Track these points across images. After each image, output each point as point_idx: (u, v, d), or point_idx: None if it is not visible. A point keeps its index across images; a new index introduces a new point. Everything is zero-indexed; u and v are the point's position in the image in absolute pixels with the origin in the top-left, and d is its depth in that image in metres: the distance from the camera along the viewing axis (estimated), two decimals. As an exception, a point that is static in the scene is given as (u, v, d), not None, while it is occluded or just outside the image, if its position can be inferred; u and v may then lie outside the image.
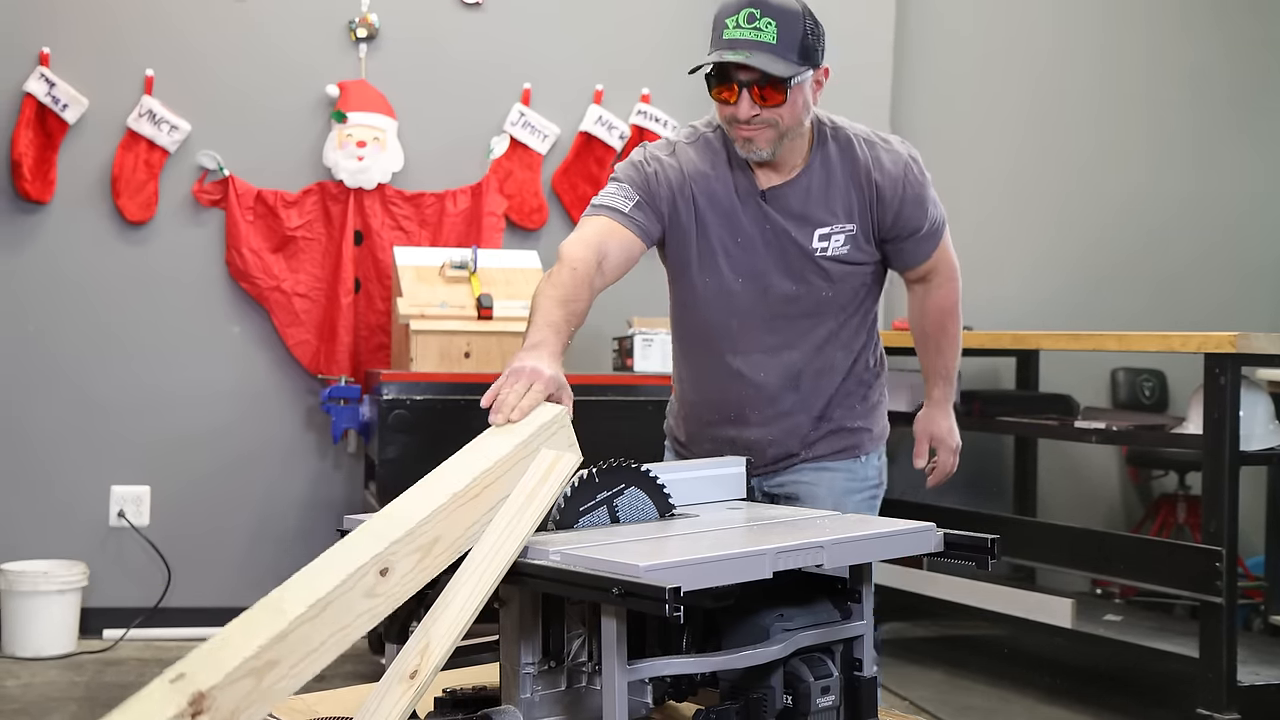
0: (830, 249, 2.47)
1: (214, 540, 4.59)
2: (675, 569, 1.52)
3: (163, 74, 4.49)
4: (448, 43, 4.74)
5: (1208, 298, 5.48)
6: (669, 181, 2.46)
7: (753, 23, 2.32)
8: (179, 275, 4.56)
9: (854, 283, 2.53)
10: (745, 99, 2.35)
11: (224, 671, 1.42)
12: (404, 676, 1.58)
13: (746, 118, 2.35)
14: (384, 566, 1.60)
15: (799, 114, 2.39)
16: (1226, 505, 3.51)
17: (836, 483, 2.62)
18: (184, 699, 1.39)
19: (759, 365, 2.53)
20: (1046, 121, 5.43)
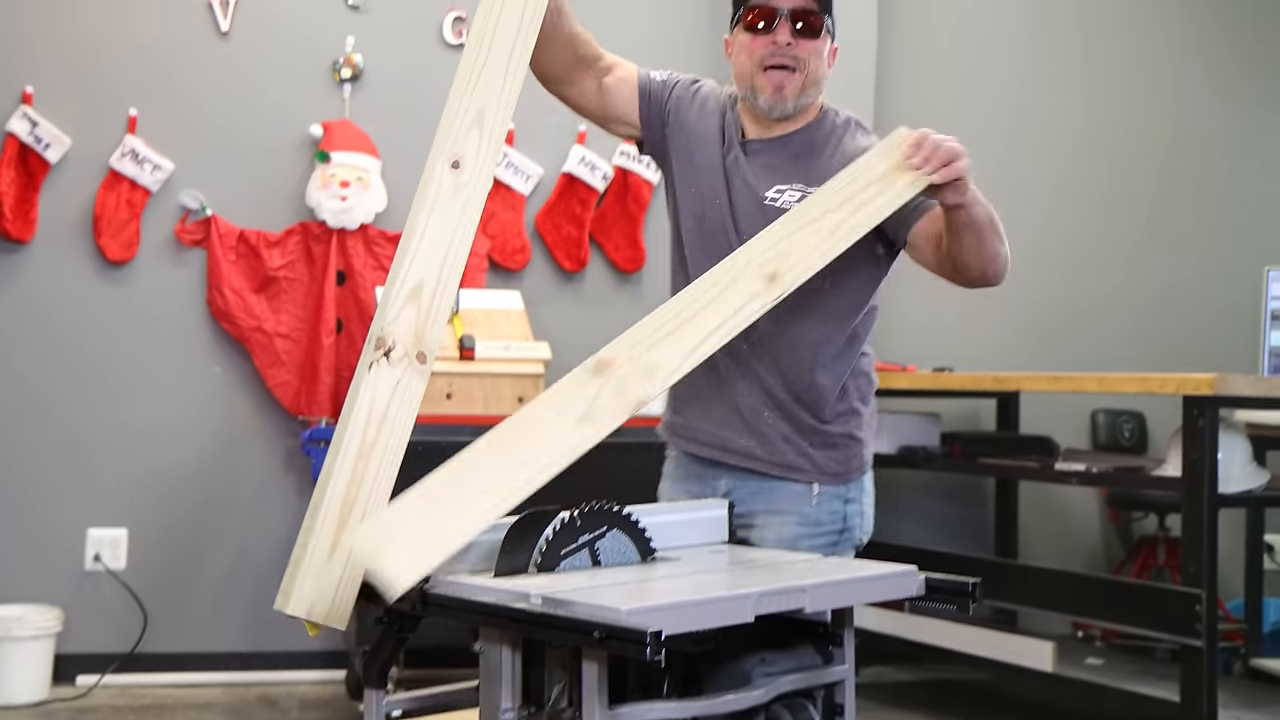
0: (781, 201, 2.43)
1: (192, 584, 4.56)
2: (657, 612, 1.52)
3: (146, 113, 4.49)
4: (432, 83, 4.74)
5: (1186, 340, 5.51)
6: (681, 105, 2.55)
7: None
8: (160, 315, 4.55)
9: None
10: (783, 25, 2.41)
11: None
12: (765, 278, 2.13)
13: (784, 44, 2.40)
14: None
15: (822, 68, 2.47)
16: (1206, 548, 3.52)
17: (785, 528, 2.47)
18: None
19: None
20: (1023, 163, 5.47)
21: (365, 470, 1.86)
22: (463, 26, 4.75)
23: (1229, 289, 5.57)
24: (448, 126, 2.08)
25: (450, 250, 2.00)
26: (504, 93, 2.12)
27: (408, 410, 1.91)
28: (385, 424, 1.89)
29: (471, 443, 1.91)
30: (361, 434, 1.87)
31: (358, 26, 4.68)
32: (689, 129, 2.53)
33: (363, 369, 1.91)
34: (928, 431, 4.73)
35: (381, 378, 1.88)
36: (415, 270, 1.96)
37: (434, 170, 2.03)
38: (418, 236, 1.98)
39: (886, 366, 4.91)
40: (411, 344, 1.91)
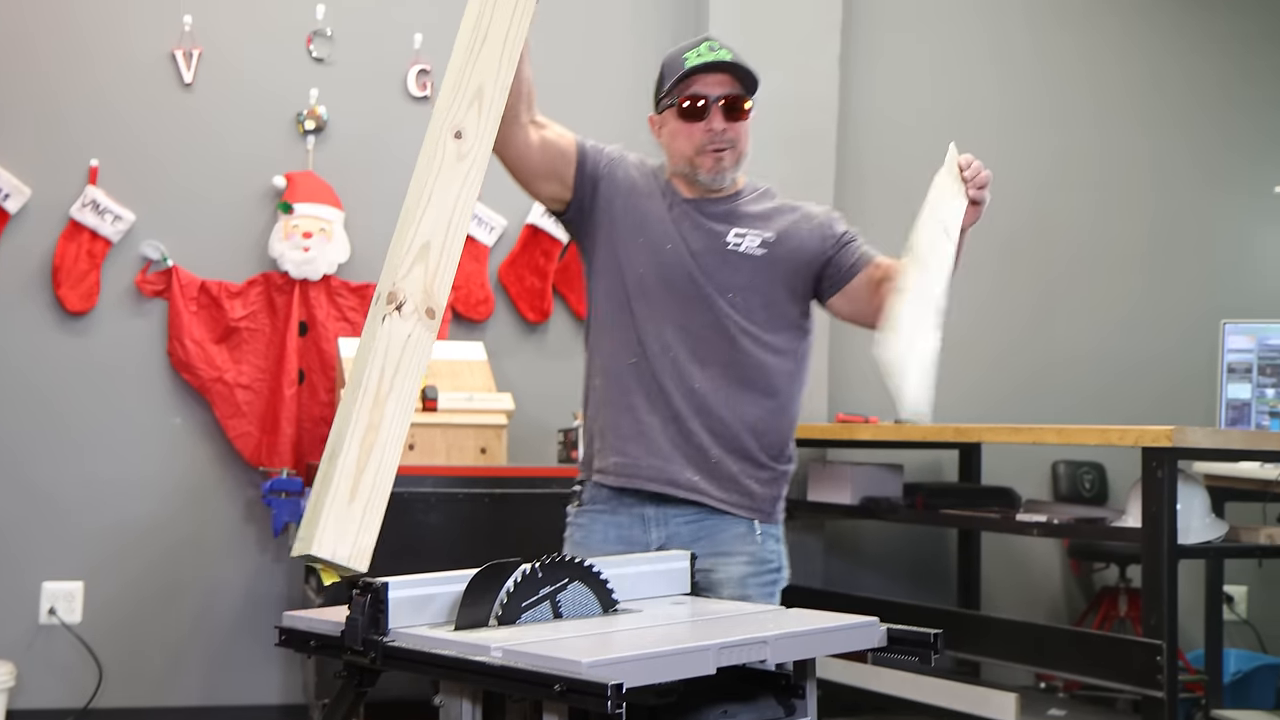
0: (743, 246, 2.66)
1: (148, 638, 4.51)
2: (618, 665, 1.51)
3: (107, 164, 4.48)
4: (396, 135, 4.77)
5: (1144, 392, 5.56)
6: (616, 167, 2.72)
7: (714, 51, 2.64)
8: (120, 366, 4.52)
9: (768, 299, 2.68)
10: (716, 113, 2.62)
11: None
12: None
13: (720, 129, 2.62)
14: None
15: (749, 144, 2.69)
16: (1166, 599, 3.53)
17: (735, 568, 2.65)
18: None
19: (670, 338, 2.63)
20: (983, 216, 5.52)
21: (380, 419, 1.93)
22: (427, 79, 4.77)
23: (1186, 343, 5.62)
24: (448, 99, 2.19)
25: (455, 214, 2.11)
26: (500, 73, 2.22)
27: (419, 362, 1.99)
28: (399, 374, 1.97)
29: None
30: (377, 383, 1.94)
31: (322, 78, 4.70)
32: (630, 187, 2.70)
33: (374, 322, 2.00)
34: (890, 482, 4.74)
35: (395, 330, 1.97)
36: (423, 231, 2.07)
37: (437, 139, 2.15)
38: (424, 200, 2.09)
39: (849, 418, 4.93)
40: (421, 299, 2.00)
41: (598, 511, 2.69)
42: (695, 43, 2.67)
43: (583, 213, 2.70)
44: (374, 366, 1.94)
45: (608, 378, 2.67)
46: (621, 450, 2.63)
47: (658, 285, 2.64)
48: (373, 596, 1.75)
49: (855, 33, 5.31)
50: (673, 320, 2.63)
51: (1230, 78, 5.92)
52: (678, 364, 2.63)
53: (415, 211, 2.08)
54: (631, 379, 2.64)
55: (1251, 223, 5.86)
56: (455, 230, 2.09)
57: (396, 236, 2.07)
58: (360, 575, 1.87)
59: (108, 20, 4.52)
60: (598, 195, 2.69)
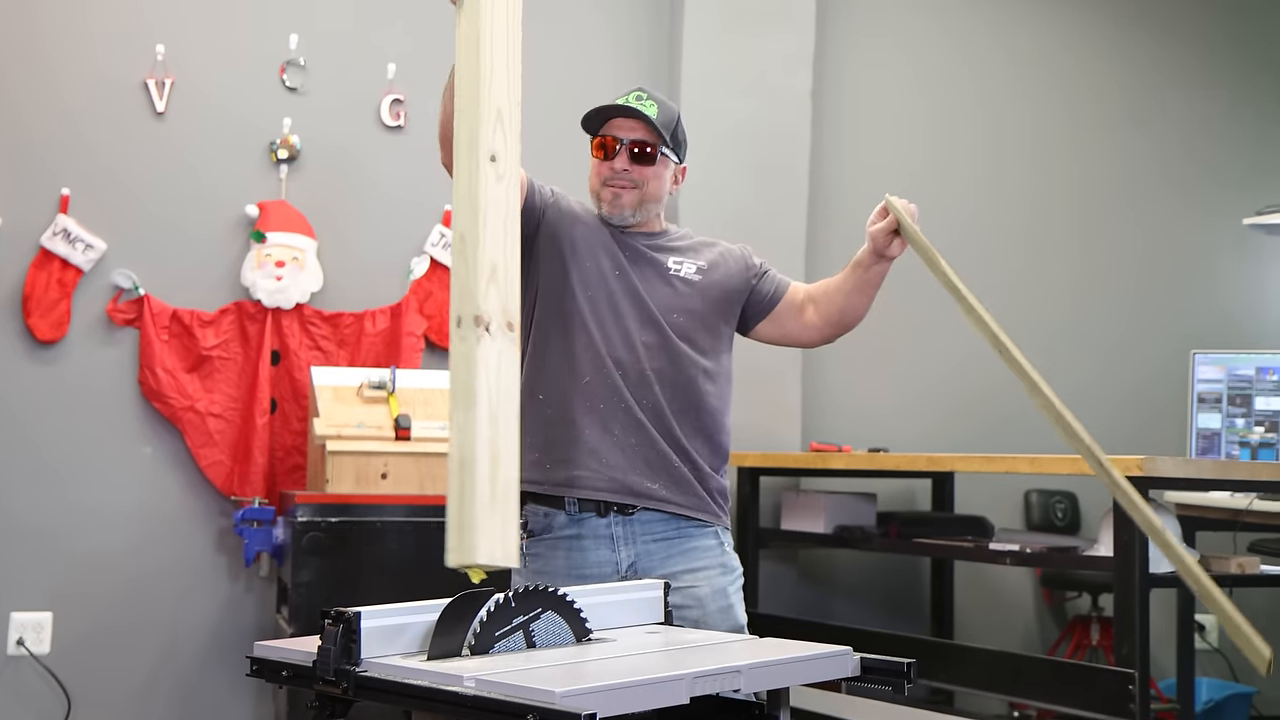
0: (684, 271, 2.87)
1: (118, 668, 4.46)
2: (591, 695, 1.51)
3: (78, 192, 4.46)
4: (369, 164, 4.77)
5: (1115, 422, 5.58)
6: (560, 199, 2.92)
7: (640, 100, 2.86)
8: (90, 395, 4.49)
9: (705, 322, 2.88)
10: (623, 155, 2.83)
11: None
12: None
13: (620, 170, 2.83)
14: None
15: (661, 188, 2.89)
16: (1138, 628, 3.55)
17: (714, 579, 2.78)
18: None
19: (623, 356, 2.79)
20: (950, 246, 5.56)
21: (497, 432, 2.08)
22: (401, 109, 4.78)
23: (1156, 373, 5.66)
24: (474, 124, 2.30)
25: (508, 232, 2.24)
26: (511, 93, 2.35)
27: (513, 378, 2.15)
28: (500, 390, 2.12)
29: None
30: (488, 400, 2.09)
31: (295, 107, 4.70)
32: (574, 217, 2.90)
33: (468, 345, 2.14)
34: (864, 511, 4.75)
35: (488, 349, 2.12)
36: (488, 253, 2.19)
37: (476, 165, 2.26)
38: (479, 224, 2.20)
39: (822, 447, 4.95)
40: (501, 317, 2.15)
41: (558, 539, 2.75)
42: (628, 90, 2.90)
43: (526, 240, 2.69)
44: (482, 385, 2.10)
45: (558, 395, 2.79)
46: (577, 463, 2.74)
47: (610, 307, 2.81)
48: (345, 626, 1.74)
49: (827, 65, 5.34)
50: (626, 339, 2.79)
51: (1208, 112, 5.99)
52: (633, 380, 2.77)
53: (475, 236, 2.20)
54: (587, 397, 2.76)
55: (1221, 254, 5.91)
56: (511, 246, 2.24)
57: (460, 265, 2.20)
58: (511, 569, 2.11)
59: (79, 48, 4.51)
60: (543, 222, 2.86)
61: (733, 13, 5.07)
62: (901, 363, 5.40)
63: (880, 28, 5.54)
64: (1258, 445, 4.81)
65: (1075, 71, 5.83)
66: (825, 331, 2.97)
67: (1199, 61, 5.98)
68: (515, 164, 2.33)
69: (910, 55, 5.60)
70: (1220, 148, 5.98)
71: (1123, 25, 5.90)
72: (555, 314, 2.82)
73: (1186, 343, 5.23)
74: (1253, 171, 5.90)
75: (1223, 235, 5.85)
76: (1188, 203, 5.94)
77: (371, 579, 3.85)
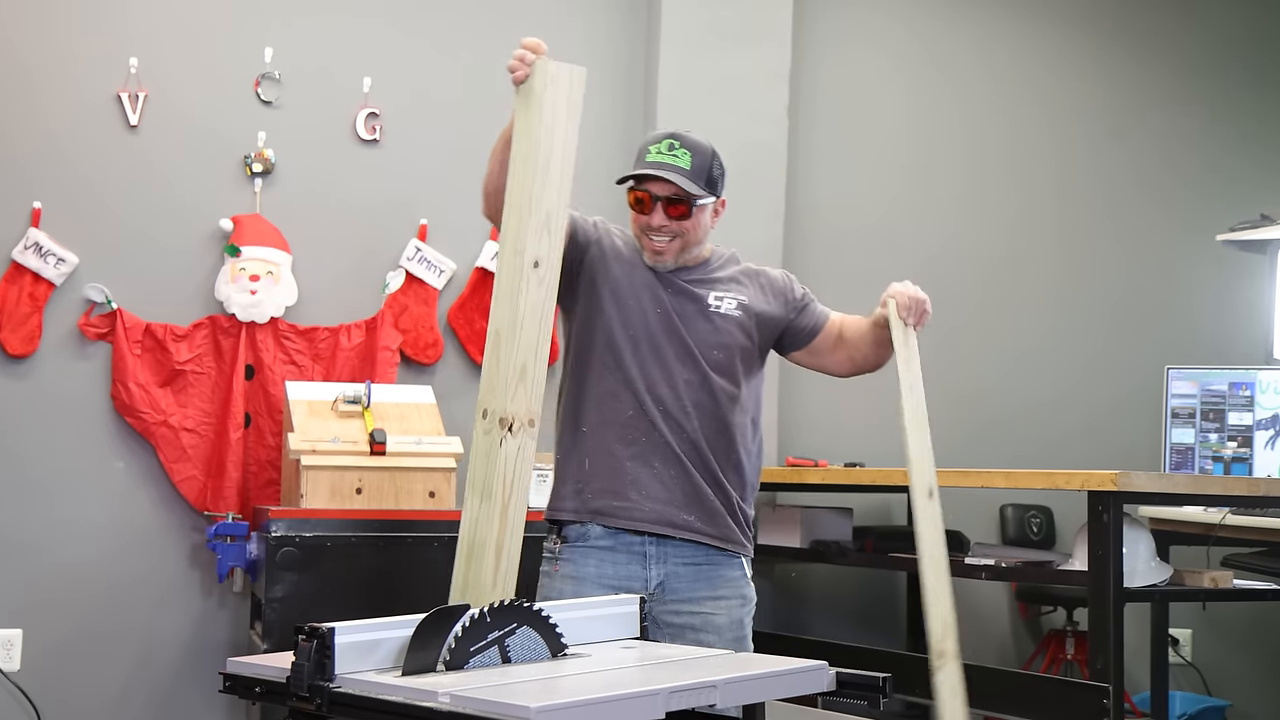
0: (723, 307, 2.96)
1: (89, 685, 4.43)
2: (566, 710, 1.50)
3: (50, 206, 4.44)
4: (344, 178, 4.76)
5: (1090, 437, 5.61)
6: (604, 235, 3.01)
7: (672, 150, 2.90)
8: (62, 410, 4.46)
9: (744, 357, 2.99)
10: (659, 211, 2.88)
11: None
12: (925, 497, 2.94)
13: (658, 226, 2.89)
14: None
15: (701, 231, 2.96)
16: (1112, 642, 3.56)
17: (734, 610, 2.95)
18: None
19: (663, 391, 2.89)
20: (924, 261, 5.58)
21: (506, 521, 2.30)
22: (376, 123, 4.77)
23: (1132, 388, 5.68)
24: (519, 229, 2.47)
25: (541, 334, 2.43)
26: (562, 197, 2.52)
27: (528, 466, 2.38)
28: (515, 483, 2.34)
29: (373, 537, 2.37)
30: (502, 493, 2.31)
31: (270, 121, 4.68)
32: (617, 253, 2.97)
33: (490, 441, 2.37)
34: (840, 525, 4.76)
35: (509, 448, 2.34)
36: (519, 355, 2.39)
37: (517, 270, 2.43)
38: (516, 327, 2.40)
39: (799, 461, 4.95)
40: (525, 416, 2.37)
41: (591, 548, 2.88)
42: (660, 137, 2.94)
43: (570, 277, 2.88)
44: (498, 481, 2.32)
45: (600, 427, 2.90)
46: (620, 494, 2.87)
47: (650, 343, 2.90)
48: (319, 642, 1.73)
49: (804, 82, 5.36)
50: (666, 375, 2.89)
51: (1187, 128, 6.02)
52: (672, 416, 2.89)
53: (511, 337, 2.40)
54: (630, 429, 2.88)
55: (1197, 269, 5.94)
56: (543, 347, 2.43)
57: (492, 360, 2.40)
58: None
59: (51, 62, 4.49)
60: (586, 257, 2.94)
61: (709, 29, 5.08)
62: (877, 378, 5.34)
63: (858, 44, 5.56)
64: (1231, 460, 4.84)
65: (1055, 88, 5.85)
66: (851, 369, 3.16)
67: (1178, 78, 6.02)
68: (557, 266, 2.49)
69: (888, 72, 5.62)
70: (1199, 164, 6.01)
71: (1102, 43, 5.93)
72: (597, 349, 2.92)
73: (1162, 358, 5.26)
74: (1231, 187, 5.93)
75: (1199, 251, 5.88)
76: (1167, 218, 5.97)
77: (346, 594, 3.83)
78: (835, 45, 5.49)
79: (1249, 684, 5.70)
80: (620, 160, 4.91)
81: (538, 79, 2.58)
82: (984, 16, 5.76)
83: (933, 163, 5.65)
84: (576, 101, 2.58)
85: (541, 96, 2.54)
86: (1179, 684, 5.39)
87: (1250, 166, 5.99)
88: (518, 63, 2.62)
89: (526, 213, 2.46)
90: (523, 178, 2.50)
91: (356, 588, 3.85)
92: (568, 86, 2.61)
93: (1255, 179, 5.92)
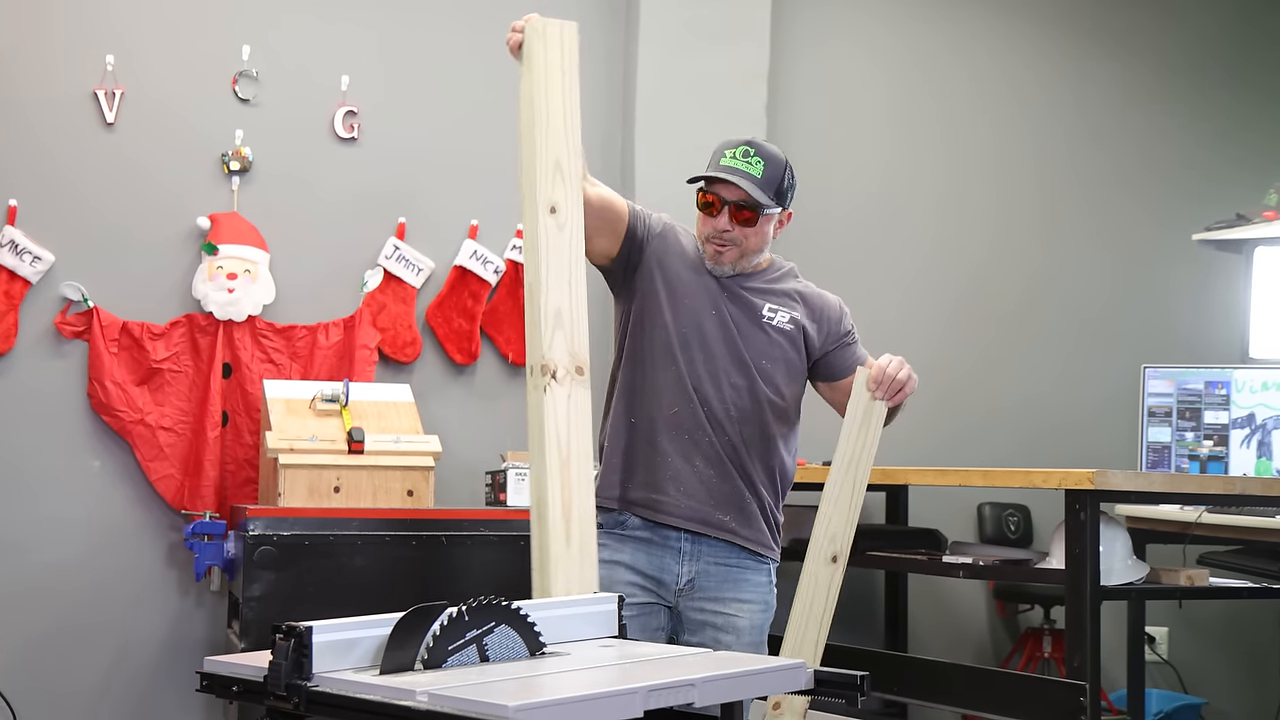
0: (776, 320, 3.02)
1: (66, 684, 4.41)
2: (545, 709, 1.50)
3: (26, 204, 4.41)
4: (322, 176, 4.75)
5: (1068, 436, 5.63)
6: (666, 231, 3.03)
7: (747, 158, 2.94)
8: (38, 408, 4.43)
9: (790, 370, 3.05)
10: (725, 214, 2.92)
11: None
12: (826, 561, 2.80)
13: (723, 229, 2.92)
14: None
15: (763, 241, 3.01)
16: (1089, 640, 3.57)
17: (755, 615, 3.04)
18: None
19: (710, 393, 2.95)
20: (904, 262, 5.59)
21: (570, 477, 2.20)
22: (355, 121, 4.76)
23: (1108, 387, 5.71)
24: (533, 177, 2.43)
25: (573, 278, 2.38)
26: (570, 143, 2.49)
27: (584, 418, 2.27)
28: (572, 435, 2.25)
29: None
30: (558, 449, 2.22)
31: (247, 119, 4.66)
32: (679, 253, 3.01)
33: (535, 395, 2.27)
34: (817, 525, 4.75)
35: (557, 397, 2.24)
36: (552, 299, 2.33)
37: (535, 218, 2.40)
38: (544, 271, 2.35)
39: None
40: (569, 362, 2.28)
41: (629, 536, 2.94)
42: (737, 143, 2.97)
43: (628, 269, 2.97)
44: (551, 436, 2.22)
45: (648, 420, 2.95)
46: (659, 488, 2.92)
47: (703, 345, 2.95)
48: (296, 640, 1.73)
49: (782, 81, 5.36)
50: (714, 378, 2.94)
51: (1166, 127, 6.04)
52: (717, 417, 2.94)
53: (540, 285, 2.33)
54: (675, 425, 2.93)
55: (1174, 268, 5.96)
56: (577, 291, 2.37)
57: (530, 316, 2.33)
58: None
59: (27, 59, 4.46)
60: (645, 254, 2.97)
61: (688, 29, 5.08)
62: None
63: (836, 43, 5.56)
64: (1207, 459, 4.86)
65: (1033, 86, 5.87)
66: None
67: (1156, 77, 6.04)
68: (578, 211, 2.45)
69: (867, 71, 5.63)
70: (1178, 162, 6.04)
71: (1081, 42, 5.95)
72: (650, 344, 2.96)
73: (1138, 357, 5.28)
74: (1209, 186, 5.96)
75: (1176, 250, 5.91)
76: (1145, 217, 5.99)
77: (324, 593, 3.82)
78: (814, 44, 5.50)
79: (1225, 682, 5.73)
80: (599, 159, 4.93)
81: (529, 38, 2.61)
82: (963, 15, 5.77)
83: (911, 162, 5.67)
84: (571, 51, 2.59)
85: (532, 50, 2.55)
86: (1155, 682, 5.41)
87: (1227, 165, 6.02)
88: (512, 33, 2.70)
89: (535, 162, 2.44)
90: (529, 130, 2.49)
91: (334, 586, 3.84)
92: (559, 37, 2.62)
93: (1232, 178, 5.95)
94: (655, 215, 3.06)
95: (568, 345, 2.29)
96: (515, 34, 2.69)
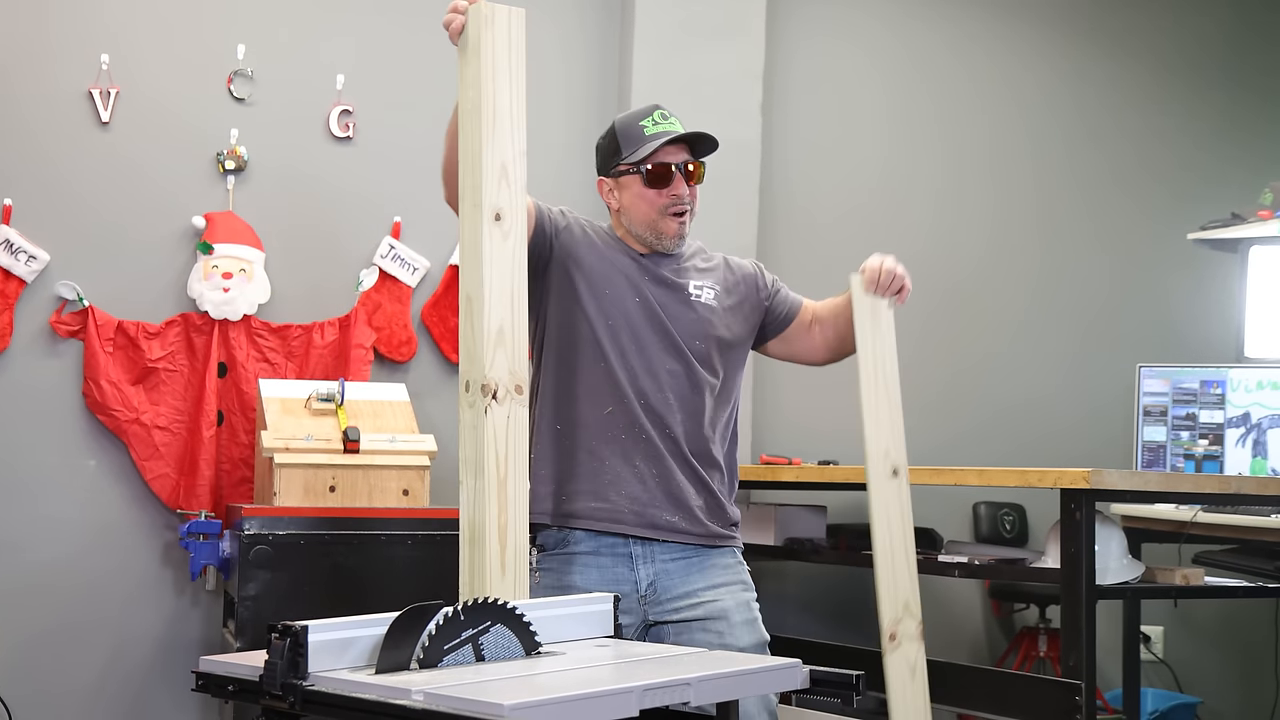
0: (703, 297, 2.86)
1: (61, 684, 4.40)
2: (540, 708, 1.50)
3: (21, 203, 4.41)
4: (318, 175, 4.74)
5: (1063, 435, 5.63)
6: (573, 224, 2.88)
7: (666, 119, 2.84)
8: (33, 408, 4.43)
9: (723, 347, 2.89)
10: (680, 179, 2.81)
11: None
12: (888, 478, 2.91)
13: (684, 193, 2.81)
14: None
15: (698, 203, 2.89)
16: (1085, 639, 3.57)
17: (735, 594, 2.84)
18: None
19: (646, 385, 2.79)
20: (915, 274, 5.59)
21: (506, 496, 2.15)
22: (350, 120, 4.75)
23: (1103, 386, 5.71)
24: (475, 182, 2.30)
25: (514, 292, 2.28)
26: (515, 146, 2.36)
27: (522, 437, 2.21)
28: (510, 452, 2.19)
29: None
30: (496, 469, 2.16)
31: (242, 118, 4.66)
32: (590, 243, 2.85)
33: (475, 413, 2.22)
34: (814, 523, 4.76)
35: (496, 416, 2.18)
36: (494, 317, 2.23)
37: (478, 225, 2.27)
38: (486, 286, 2.23)
39: (773, 459, 4.95)
40: (509, 380, 2.21)
41: (574, 554, 2.76)
42: (646, 110, 2.87)
43: (537, 269, 2.75)
44: (489, 455, 2.17)
45: (579, 426, 2.77)
46: (600, 496, 2.74)
47: (632, 335, 2.78)
48: (292, 640, 1.73)
49: (777, 79, 5.36)
50: (650, 368, 2.78)
51: (1163, 127, 6.05)
52: (655, 411, 2.77)
53: (481, 301, 2.22)
54: (609, 428, 2.75)
55: (1170, 268, 5.97)
56: (519, 306, 2.27)
57: (467, 328, 2.23)
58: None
59: (22, 58, 4.46)
60: (554, 250, 2.81)
61: (683, 27, 5.08)
62: (851, 376, 5.39)
63: (832, 41, 5.56)
64: (1202, 458, 4.87)
65: (1031, 86, 5.88)
66: (829, 355, 3.04)
67: (1153, 77, 6.05)
68: (521, 217, 2.32)
69: (863, 68, 5.63)
70: (1174, 162, 6.05)
71: (1078, 42, 5.95)
72: (573, 344, 2.79)
73: (1134, 356, 5.28)
74: (1205, 186, 5.97)
75: (1172, 249, 5.91)
76: (1141, 216, 6.00)
77: (319, 592, 3.82)
78: (809, 42, 5.50)
79: (1220, 681, 5.73)
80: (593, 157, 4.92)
81: (472, 25, 2.40)
82: (960, 15, 5.77)
83: (909, 160, 5.67)
84: (518, 42, 2.41)
85: (479, 41, 2.36)
86: (1150, 681, 5.42)
87: (1223, 165, 6.02)
88: (451, 14, 2.44)
89: (479, 164, 2.28)
90: (472, 130, 2.33)
91: (330, 586, 3.84)
92: (506, 26, 2.43)
93: (1228, 177, 5.96)
94: (555, 208, 2.90)
95: (509, 364, 2.22)
96: (457, 15, 2.44)
